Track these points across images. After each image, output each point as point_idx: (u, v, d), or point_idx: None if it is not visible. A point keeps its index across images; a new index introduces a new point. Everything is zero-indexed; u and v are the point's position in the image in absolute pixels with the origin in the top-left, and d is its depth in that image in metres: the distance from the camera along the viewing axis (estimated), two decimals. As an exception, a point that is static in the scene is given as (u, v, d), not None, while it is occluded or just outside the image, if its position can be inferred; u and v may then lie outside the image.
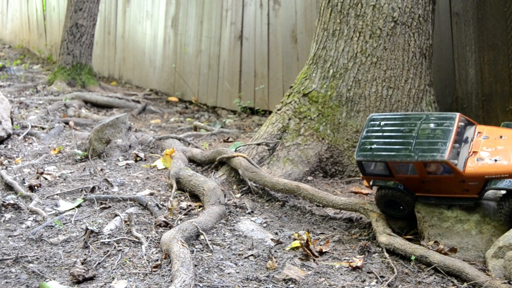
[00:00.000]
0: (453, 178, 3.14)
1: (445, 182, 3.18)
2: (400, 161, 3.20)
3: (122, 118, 5.19)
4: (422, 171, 3.18)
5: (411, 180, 3.28)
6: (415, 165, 3.17)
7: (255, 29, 7.39)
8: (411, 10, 4.51)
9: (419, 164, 3.15)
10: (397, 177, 3.29)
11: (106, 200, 4.04)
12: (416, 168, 3.18)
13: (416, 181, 3.26)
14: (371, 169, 3.40)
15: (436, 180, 3.19)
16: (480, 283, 2.87)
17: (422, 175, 3.20)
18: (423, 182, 3.23)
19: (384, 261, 3.20)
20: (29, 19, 13.14)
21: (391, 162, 3.23)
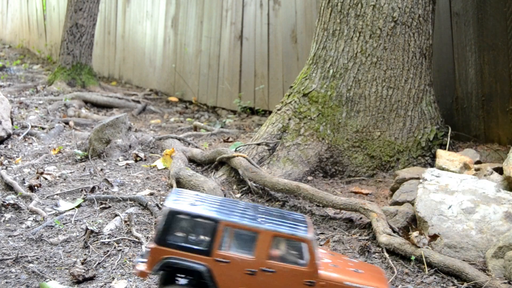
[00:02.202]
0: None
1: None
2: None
3: (122, 118, 5.19)
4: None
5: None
6: None
7: (255, 29, 7.39)
8: (411, 10, 4.51)
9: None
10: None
11: (106, 200, 4.04)
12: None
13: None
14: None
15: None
16: (480, 283, 2.88)
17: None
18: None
19: (384, 261, 3.20)
20: (29, 19, 13.14)
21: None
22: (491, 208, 3.38)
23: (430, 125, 4.65)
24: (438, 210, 3.41)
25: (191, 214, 2.25)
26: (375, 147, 4.55)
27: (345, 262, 2.48)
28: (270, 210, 2.48)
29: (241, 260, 2.23)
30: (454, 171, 4.02)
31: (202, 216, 2.24)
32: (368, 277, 2.38)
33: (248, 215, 2.33)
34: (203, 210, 2.28)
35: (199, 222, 2.26)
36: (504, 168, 3.75)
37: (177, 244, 2.23)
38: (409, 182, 3.97)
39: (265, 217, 2.35)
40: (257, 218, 2.31)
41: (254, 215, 2.34)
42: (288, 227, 2.28)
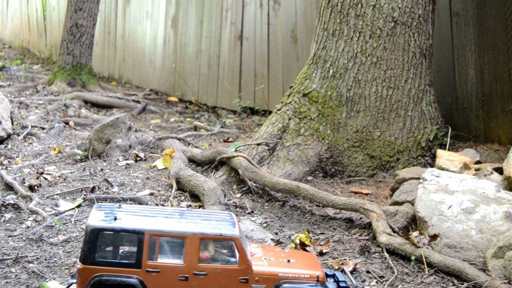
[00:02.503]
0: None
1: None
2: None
3: (122, 118, 5.19)
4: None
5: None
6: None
7: (255, 29, 7.39)
8: (411, 10, 4.51)
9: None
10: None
11: (106, 200, 4.04)
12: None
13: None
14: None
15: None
16: (480, 283, 2.88)
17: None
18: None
19: (384, 261, 3.20)
20: (29, 19, 13.14)
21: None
22: (491, 208, 3.38)
23: (430, 125, 4.65)
24: (438, 210, 3.41)
25: (114, 229, 2.23)
26: (375, 147, 4.55)
27: (277, 254, 2.49)
28: (195, 213, 2.47)
29: (172, 268, 2.23)
30: (454, 171, 4.02)
31: (126, 230, 2.23)
32: (301, 265, 2.42)
33: (172, 221, 2.32)
34: (126, 223, 2.26)
35: (124, 235, 2.25)
36: (504, 168, 3.75)
37: (105, 261, 2.21)
38: (409, 182, 3.97)
39: (190, 221, 2.34)
40: (182, 223, 2.30)
41: (179, 220, 2.34)
42: (214, 228, 2.28)
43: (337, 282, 2.51)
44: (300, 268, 2.40)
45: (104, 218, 2.28)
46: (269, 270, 2.33)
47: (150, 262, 2.22)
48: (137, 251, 2.22)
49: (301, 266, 2.43)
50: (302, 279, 2.35)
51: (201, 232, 2.26)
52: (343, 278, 2.54)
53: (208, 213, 2.54)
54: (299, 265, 2.43)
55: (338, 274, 2.57)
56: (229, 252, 2.32)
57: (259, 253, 2.49)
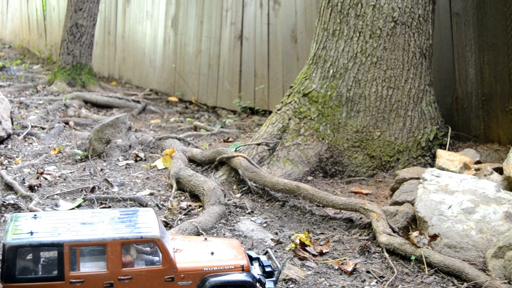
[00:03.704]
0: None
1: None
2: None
3: (122, 118, 5.19)
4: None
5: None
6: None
7: (255, 29, 7.39)
8: (411, 10, 4.51)
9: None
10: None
11: (106, 200, 4.04)
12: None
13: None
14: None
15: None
16: (480, 283, 2.88)
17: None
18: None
19: (384, 261, 3.20)
20: (29, 19, 13.14)
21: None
22: (491, 208, 3.38)
23: (430, 125, 4.65)
24: (438, 210, 3.41)
25: (32, 245, 2.18)
26: (375, 147, 4.55)
27: (201, 246, 2.50)
28: (113, 214, 2.45)
29: (96, 276, 2.21)
30: (454, 171, 4.02)
31: (44, 244, 2.18)
32: (225, 256, 2.45)
33: (91, 227, 2.29)
34: (44, 236, 2.21)
35: (43, 249, 2.21)
36: (504, 168, 3.76)
37: (27, 277, 2.17)
38: (409, 182, 3.97)
39: (110, 225, 2.31)
40: (101, 228, 2.28)
41: (97, 226, 2.31)
42: (135, 230, 2.26)
43: (263, 267, 2.53)
44: (224, 260, 2.42)
45: (21, 233, 2.22)
46: (194, 266, 2.35)
47: (73, 273, 2.20)
48: (58, 264, 2.18)
49: (224, 257, 2.46)
50: (227, 271, 2.38)
51: (122, 237, 2.24)
52: (268, 262, 2.55)
53: (127, 211, 2.51)
54: (223, 256, 2.46)
55: (262, 257, 2.60)
56: (151, 253, 2.32)
57: (182, 247, 2.49)
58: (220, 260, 2.43)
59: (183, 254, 2.43)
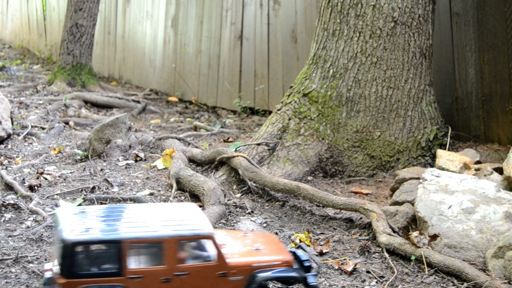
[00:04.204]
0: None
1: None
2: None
3: (122, 118, 5.19)
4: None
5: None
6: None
7: (255, 29, 7.39)
8: (411, 10, 4.51)
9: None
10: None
11: (106, 200, 4.04)
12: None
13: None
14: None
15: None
16: (480, 283, 2.88)
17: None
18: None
19: (384, 261, 3.20)
20: (29, 19, 13.13)
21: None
22: (491, 208, 3.38)
23: (430, 125, 4.65)
24: (438, 210, 3.41)
25: (93, 241, 2.22)
26: (375, 147, 4.55)
27: (243, 241, 2.52)
28: (164, 211, 2.50)
29: (153, 272, 2.25)
30: (454, 171, 4.02)
31: (104, 241, 2.22)
32: (269, 251, 2.50)
33: (145, 223, 2.33)
34: (103, 232, 2.25)
35: (103, 246, 2.24)
36: (504, 168, 3.76)
37: (87, 272, 2.20)
38: (409, 182, 3.97)
39: (164, 221, 2.35)
40: (156, 225, 2.32)
41: (152, 222, 2.35)
42: (189, 227, 2.31)
43: (300, 261, 2.55)
44: (270, 255, 2.47)
45: (78, 228, 2.25)
46: (243, 262, 2.39)
47: (131, 268, 2.23)
48: (118, 260, 2.22)
49: (269, 252, 2.50)
50: (273, 266, 2.42)
51: (178, 234, 2.27)
52: (306, 256, 2.58)
53: (174, 207, 2.54)
54: (268, 252, 2.50)
55: (297, 251, 2.61)
56: (205, 250, 2.36)
57: (225, 242, 2.52)
58: (267, 256, 2.46)
59: (229, 250, 2.46)
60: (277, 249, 2.56)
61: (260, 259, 2.43)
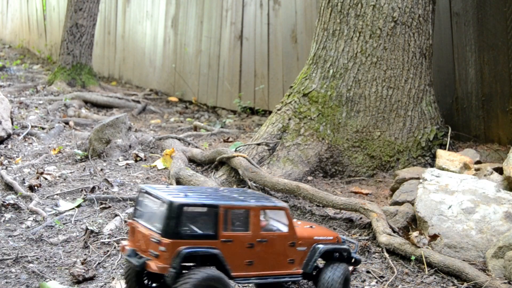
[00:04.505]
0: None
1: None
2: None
3: (122, 118, 5.19)
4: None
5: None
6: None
7: (255, 29, 7.39)
8: (411, 10, 4.51)
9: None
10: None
11: (106, 200, 4.04)
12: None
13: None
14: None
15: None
16: (480, 283, 2.88)
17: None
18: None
19: (384, 261, 3.20)
20: (29, 19, 13.14)
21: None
22: (491, 208, 3.38)
23: (430, 125, 4.65)
24: (438, 210, 3.41)
25: (196, 204, 2.39)
26: (375, 147, 4.55)
27: (296, 223, 2.79)
28: (243, 191, 2.78)
29: (241, 237, 2.45)
30: (454, 171, 4.02)
31: (204, 204, 2.39)
32: (321, 230, 2.84)
33: (232, 196, 2.59)
34: (200, 198, 2.44)
35: (201, 210, 2.40)
36: (504, 168, 3.75)
37: (188, 234, 2.34)
38: (409, 182, 3.97)
39: (246, 196, 2.63)
40: (241, 198, 2.56)
41: (237, 196, 2.60)
42: (267, 201, 2.61)
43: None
44: (324, 232, 2.80)
45: (178, 195, 2.42)
46: (307, 234, 2.69)
47: (225, 232, 2.41)
48: (214, 224, 2.39)
49: (322, 230, 2.84)
50: (328, 241, 2.75)
51: (262, 204, 2.54)
52: (344, 238, 2.91)
53: (248, 191, 2.84)
54: (320, 230, 2.83)
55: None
56: (280, 221, 2.62)
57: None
58: (322, 232, 2.78)
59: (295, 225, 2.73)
60: (326, 229, 2.89)
61: (318, 233, 2.75)
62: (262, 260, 2.52)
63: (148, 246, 2.38)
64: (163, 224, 2.31)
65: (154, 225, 2.39)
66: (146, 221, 2.45)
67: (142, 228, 2.45)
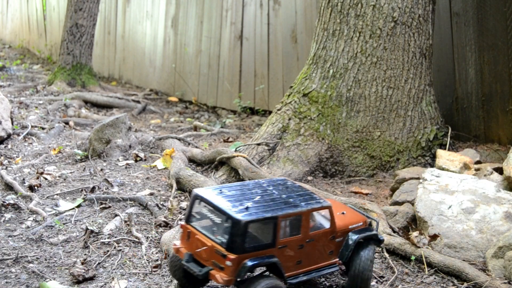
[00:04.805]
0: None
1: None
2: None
3: (122, 118, 5.19)
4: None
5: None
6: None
7: (255, 29, 7.39)
8: (411, 10, 4.51)
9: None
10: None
11: (106, 200, 4.04)
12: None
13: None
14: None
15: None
16: (480, 283, 2.88)
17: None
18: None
19: (384, 261, 3.20)
20: (29, 19, 13.14)
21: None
22: (491, 208, 3.38)
23: (430, 125, 4.65)
24: (438, 210, 3.41)
25: (259, 220, 2.49)
26: (375, 147, 4.55)
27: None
28: (285, 186, 2.88)
29: (293, 241, 2.60)
30: (454, 171, 4.02)
31: (266, 218, 2.50)
32: (352, 216, 2.93)
33: (284, 200, 2.69)
34: (260, 210, 2.55)
35: (263, 223, 2.53)
36: (504, 168, 3.76)
37: (251, 246, 2.47)
38: (409, 182, 3.97)
39: (293, 195, 2.74)
40: (291, 201, 2.68)
41: (286, 197, 2.72)
42: (316, 201, 2.72)
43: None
44: (354, 219, 2.90)
45: (240, 208, 2.52)
46: (343, 224, 2.81)
47: (281, 239, 2.55)
48: (273, 233, 2.52)
49: (352, 216, 2.93)
50: (359, 227, 2.87)
51: (312, 207, 2.64)
52: (365, 214, 3.05)
53: (291, 186, 2.91)
54: (351, 216, 2.92)
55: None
56: (324, 218, 2.77)
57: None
58: (354, 219, 2.89)
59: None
60: (356, 214, 2.97)
61: (351, 221, 2.86)
62: (308, 257, 2.67)
63: (210, 256, 2.50)
64: (229, 240, 2.44)
65: (217, 238, 2.50)
66: (207, 231, 2.56)
67: (201, 237, 2.55)
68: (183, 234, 2.66)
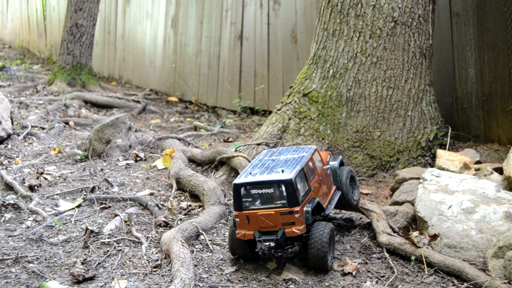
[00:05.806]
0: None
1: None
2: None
3: (122, 118, 5.19)
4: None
5: None
6: None
7: (255, 29, 7.39)
8: (411, 10, 4.51)
9: None
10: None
11: (106, 200, 4.04)
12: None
13: None
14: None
15: None
16: (480, 283, 2.88)
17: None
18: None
19: (384, 261, 3.20)
20: (29, 19, 13.14)
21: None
22: (491, 208, 3.38)
23: (430, 125, 4.65)
24: (438, 210, 3.41)
25: (298, 172, 2.96)
26: (375, 147, 4.55)
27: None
28: (284, 151, 3.37)
29: (315, 181, 3.15)
30: (454, 171, 4.02)
31: (300, 170, 2.99)
32: (321, 153, 3.51)
33: (292, 157, 3.18)
34: (291, 168, 3.01)
35: (299, 175, 2.98)
36: (504, 168, 3.75)
37: (302, 196, 2.94)
38: (409, 182, 3.97)
39: (295, 153, 3.25)
40: (297, 156, 3.19)
41: (294, 152, 3.26)
42: (308, 149, 3.29)
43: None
44: (324, 154, 3.58)
45: (279, 173, 2.96)
46: (324, 159, 3.48)
47: (311, 183, 3.09)
48: (306, 181, 3.04)
49: (322, 154, 3.54)
50: (330, 158, 3.58)
51: (311, 152, 3.24)
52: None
53: (292, 147, 3.44)
54: (322, 154, 3.54)
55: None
56: (316, 159, 3.29)
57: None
58: (323, 154, 3.56)
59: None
60: (321, 152, 3.51)
61: (325, 156, 3.49)
62: (325, 190, 3.27)
63: (278, 220, 2.90)
64: (289, 198, 2.88)
65: (276, 204, 2.91)
66: (263, 204, 2.93)
67: (262, 211, 2.91)
68: (240, 221, 2.96)
